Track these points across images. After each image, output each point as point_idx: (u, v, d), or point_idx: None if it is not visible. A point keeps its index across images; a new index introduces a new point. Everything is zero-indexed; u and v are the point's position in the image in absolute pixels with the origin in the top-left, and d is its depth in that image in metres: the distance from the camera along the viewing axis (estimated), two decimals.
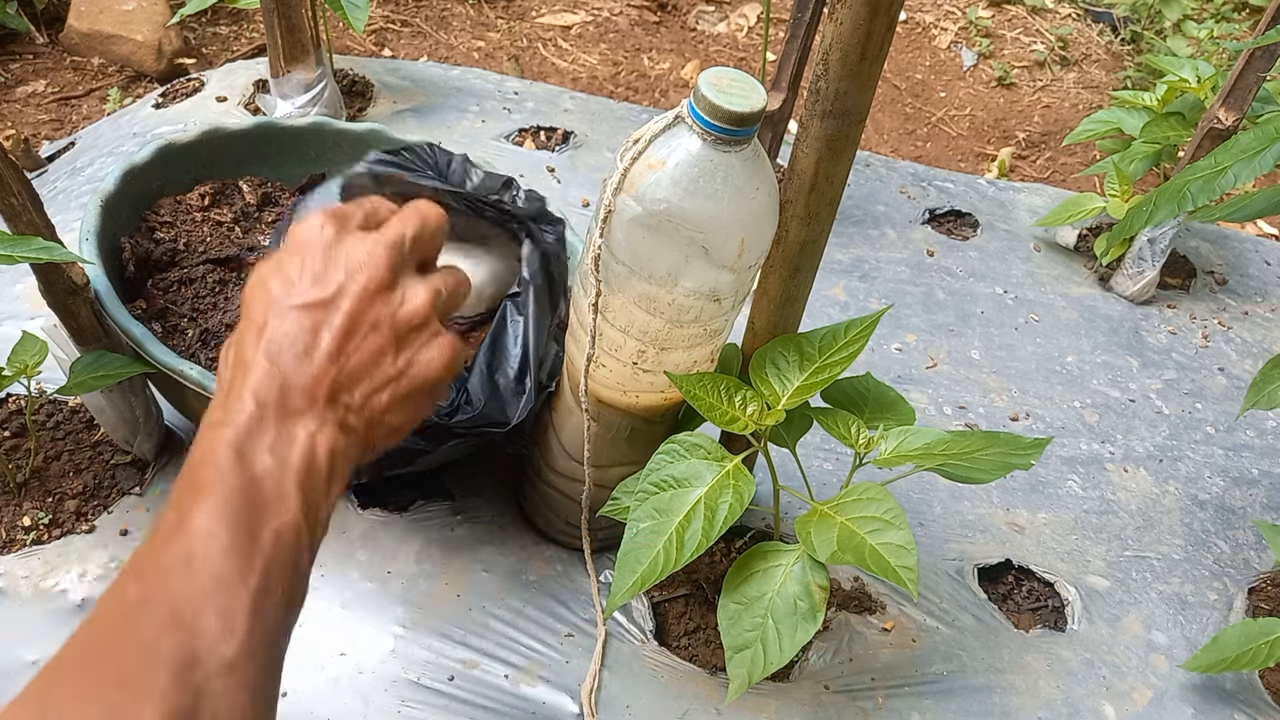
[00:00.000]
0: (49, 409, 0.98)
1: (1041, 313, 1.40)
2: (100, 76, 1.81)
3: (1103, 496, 1.15)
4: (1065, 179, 2.01)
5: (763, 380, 0.77)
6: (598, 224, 0.69)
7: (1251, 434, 1.27)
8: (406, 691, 0.84)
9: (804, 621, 0.73)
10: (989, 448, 0.77)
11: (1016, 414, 1.24)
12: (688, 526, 0.71)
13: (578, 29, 2.18)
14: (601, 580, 0.94)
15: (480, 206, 0.87)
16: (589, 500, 0.88)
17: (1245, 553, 1.11)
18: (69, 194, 1.31)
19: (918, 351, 1.30)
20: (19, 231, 0.76)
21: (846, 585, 0.98)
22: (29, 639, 0.82)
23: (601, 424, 0.82)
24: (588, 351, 0.76)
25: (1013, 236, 1.53)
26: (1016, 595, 1.03)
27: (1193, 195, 0.92)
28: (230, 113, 1.46)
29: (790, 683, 0.89)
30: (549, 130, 1.57)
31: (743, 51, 2.22)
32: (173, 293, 0.95)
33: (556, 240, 0.88)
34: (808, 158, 0.67)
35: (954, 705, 0.90)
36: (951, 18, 2.40)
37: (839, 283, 1.38)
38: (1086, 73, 2.31)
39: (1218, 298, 1.50)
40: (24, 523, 0.89)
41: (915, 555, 0.69)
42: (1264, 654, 0.88)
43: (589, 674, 0.86)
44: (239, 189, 1.06)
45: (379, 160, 0.87)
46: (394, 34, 2.07)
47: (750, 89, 0.63)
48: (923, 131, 2.08)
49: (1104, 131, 1.52)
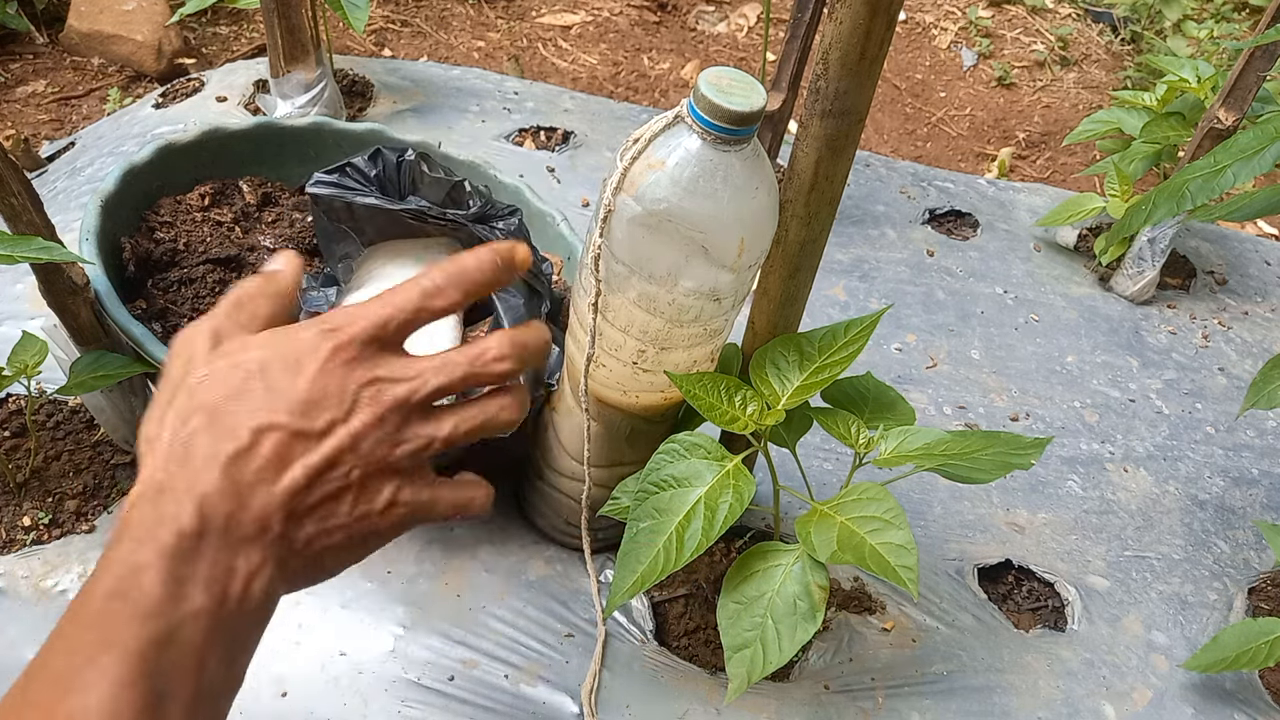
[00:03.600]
0: (49, 409, 0.98)
1: (1041, 313, 1.40)
2: (100, 76, 1.81)
3: (1103, 496, 1.15)
4: (1065, 179, 2.01)
5: (763, 380, 0.77)
6: (598, 224, 0.69)
7: (1251, 434, 1.27)
8: (406, 691, 0.84)
9: (804, 621, 0.73)
10: (989, 448, 0.77)
11: (1016, 414, 1.24)
12: (687, 526, 0.71)
13: (578, 29, 2.18)
14: (601, 580, 0.94)
15: (424, 218, 0.88)
16: (589, 500, 0.88)
17: (1245, 553, 1.11)
18: (69, 194, 1.31)
19: (918, 351, 1.30)
20: (19, 231, 0.76)
21: (846, 585, 0.98)
22: (29, 639, 0.82)
23: (601, 424, 0.82)
24: (588, 351, 0.76)
25: (1013, 236, 1.53)
26: (1016, 595, 1.03)
27: (1192, 194, 0.92)
28: (230, 113, 1.46)
29: (790, 683, 0.89)
30: (549, 130, 1.57)
31: (743, 51, 2.22)
32: (173, 293, 0.95)
33: (511, 234, 0.89)
34: (808, 157, 0.67)
35: (954, 705, 0.90)
36: (951, 18, 2.40)
37: (839, 283, 1.38)
38: (1086, 73, 2.31)
39: (1218, 298, 1.50)
40: (24, 523, 0.89)
41: (915, 555, 0.69)
42: (1264, 654, 0.88)
43: (589, 674, 0.86)
44: (239, 189, 1.06)
45: (318, 181, 0.87)
46: (394, 34, 2.07)
47: (750, 89, 0.63)
48: (923, 131, 2.08)
49: (1104, 131, 1.52)
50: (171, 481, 0.38)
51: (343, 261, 0.96)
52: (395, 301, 0.42)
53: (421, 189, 0.91)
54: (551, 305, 0.93)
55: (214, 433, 0.39)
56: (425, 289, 0.42)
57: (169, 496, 0.38)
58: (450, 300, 0.43)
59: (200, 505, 0.38)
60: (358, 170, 0.89)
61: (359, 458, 0.41)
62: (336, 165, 0.89)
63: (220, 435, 0.39)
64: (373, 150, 0.90)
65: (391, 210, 0.88)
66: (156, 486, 0.39)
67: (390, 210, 0.88)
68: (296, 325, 0.43)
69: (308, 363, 0.41)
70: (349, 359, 0.41)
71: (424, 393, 0.42)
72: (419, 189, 0.91)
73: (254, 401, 0.40)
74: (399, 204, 0.88)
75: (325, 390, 0.40)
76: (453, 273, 0.43)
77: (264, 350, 0.41)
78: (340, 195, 0.87)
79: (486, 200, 0.90)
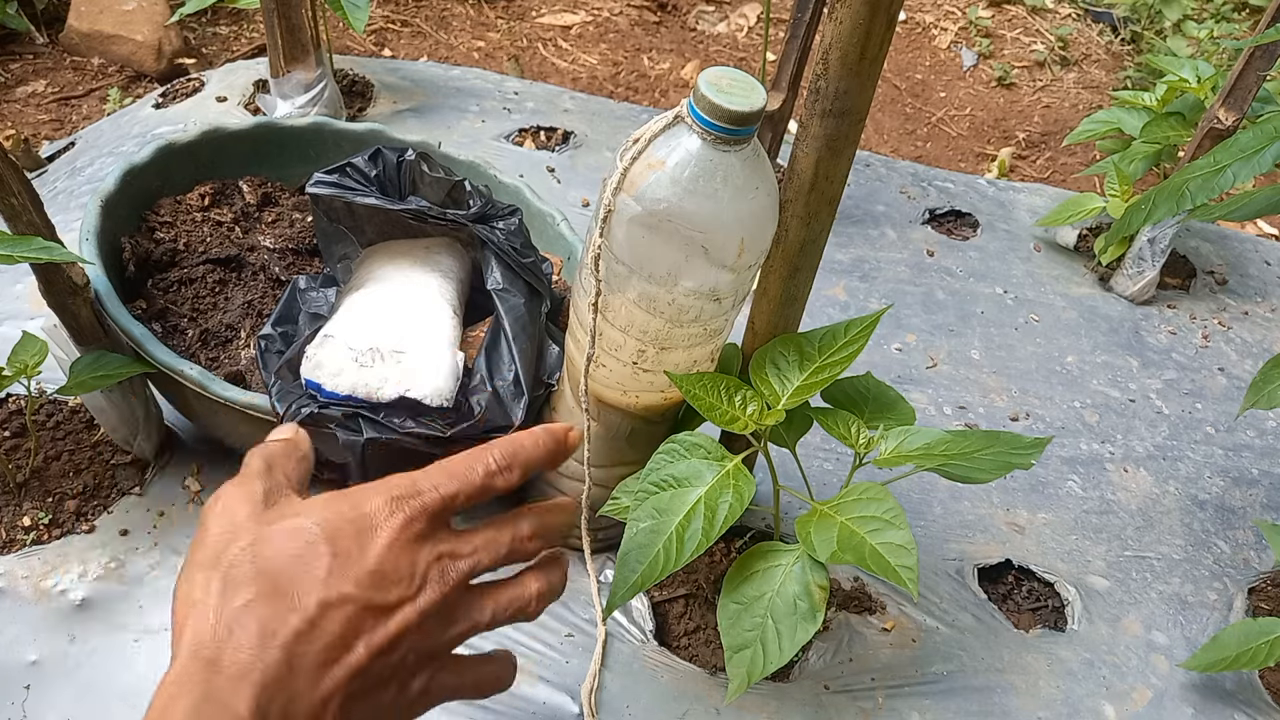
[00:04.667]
0: (49, 409, 0.98)
1: (1041, 313, 1.40)
2: (100, 76, 1.81)
3: (1103, 496, 1.15)
4: (1065, 179, 2.01)
5: (763, 380, 0.77)
6: (598, 224, 0.69)
7: (1251, 434, 1.27)
8: None
9: (804, 621, 0.73)
10: (989, 448, 0.77)
11: (1016, 414, 1.24)
12: (688, 526, 0.71)
13: (578, 29, 2.18)
14: (601, 580, 0.94)
15: (424, 218, 0.88)
16: (589, 500, 0.88)
17: (1245, 553, 1.11)
18: (69, 194, 1.31)
19: (918, 351, 1.30)
20: (19, 231, 0.76)
21: (846, 585, 0.98)
22: (29, 639, 0.82)
23: (601, 424, 0.82)
24: (588, 351, 0.76)
25: (1013, 236, 1.53)
26: (1016, 595, 1.03)
27: (1191, 194, 0.92)
28: (230, 113, 1.46)
29: (790, 683, 0.89)
30: (549, 130, 1.57)
31: (743, 51, 2.22)
32: (173, 293, 0.95)
33: (511, 234, 0.89)
34: (808, 157, 0.67)
35: (954, 705, 0.90)
36: (951, 18, 2.40)
37: (839, 283, 1.38)
38: (1086, 73, 2.31)
39: (1218, 298, 1.50)
40: (24, 523, 0.89)
41: (915, 555, 0.69)
42: (1264, 654, 0.88)
43: (589, 674, 0.86)
44: (239, 189, 1.06)
45: (318, 182, 0.87)
46: (394, 34, 2.07)
47: (750, 89, 0.63)
48: (923, 131, 2.08)
49: (1104, 131, 1.52)
50: (223, 662, 0.35)
51: (342, 262, 0.96)
52: (462, 477, 0.41)
53: (421, 189, 0.91)
54: (551, 305, 0.93)
55: (274, 605, 0.36)
56: (489, 469, 0.42)
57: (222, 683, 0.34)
58: (510, 481, 0.43)
59: (259, 695, 0.34)
60: (358, 170, 0.89)
61: (420, 638, 0.39)
62: (336, 165, 0.89)
63: (282, 608, 0.36)
64: (373, 150, 0.90)
65: (391, 210, 0.88)
66: (205, 664, 0.35)
67: (390, 210, 0.88)
68: (357, 491, 0.40)
69: (380, 532, 0.38)
70: (420, 533, 0.39)
71: (478, 571, 0.41)
72: (419, 189, 0.91)
73: (320, 571, 0.37)
74: (399, 204, 0.88)
75: (397, 563, 0.38)
76: (512, 452, 0.43)
77: (327, 513, 0.39)
78: (340, 195, 0.87)
79: (487, 200, 0.90)
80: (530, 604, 0.44)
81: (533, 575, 0.45)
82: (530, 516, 0.44)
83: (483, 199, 0.90)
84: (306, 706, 0.35)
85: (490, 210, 0.90)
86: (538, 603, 0.45)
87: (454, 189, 0.91)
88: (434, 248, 0.93)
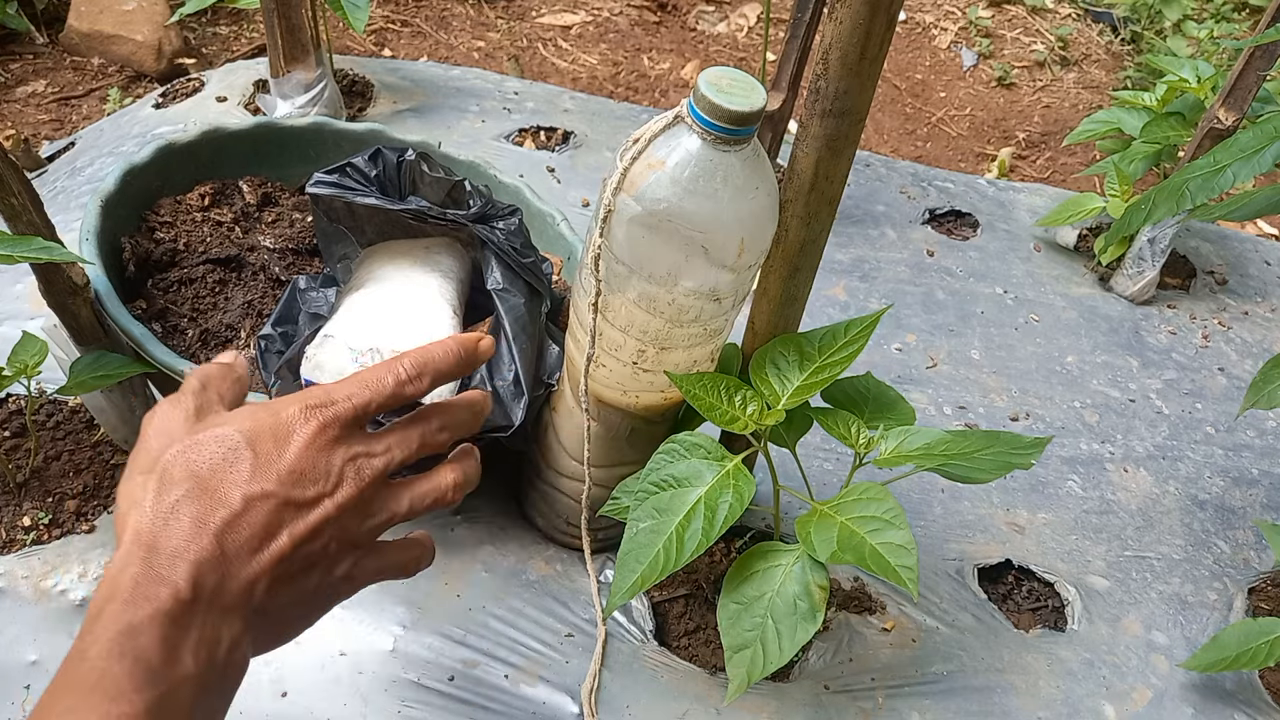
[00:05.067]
0: (49, 409, 0.98)
1: (1041, 313, 1.40)
2: (100, 76, 1.81)
3: (1103, 496, 1.15)
4: (1065, 179, 2.01)
5: (763, 380, 0.77)
6: (598, 224, 0.69)
7: (1251, 434, 1.27)
8: (406, 691, 0.84)
9: (804, 621, 0.73)
10: (989, 447, 0.77)
11: (1016, 414, 1.24)
12: (688, 526, 0.71)
13: (578, 29, 2.18)
14: (601, 580, 0.94)
15: (424, 218, 0.88)
16: (589, 500, 0.88)
17: (1245, 553, 1.11)
18: (69, 194, 1.31)
19: (918, 351, 1.30)
20: (19, 231, 0.76)
21: (846, 585, 0.98)
22: (29, 639, 0.82)
23: (601, 424, 0.82)
24: (588, 351, 0.76)
25: (1013, 236, 1.53)
26: (1016, 595, 1.03)
27: (1191, 193, 0.92)
28: (230, 113, 1.46)
29: (790, 683, 0.89)
30: (549, 130, 1.57)
31: (743, 51, 2.22)
32: (173, 293, 0.95)
33: (511, 234, 0.89)
34: (808, 157, 0.67)
35: (954, 705, 0.90)
36: (951, 18, 2.40)
37: (839, 283, 1.38)
38: (1086, 73, 2.31)
39: (1218, 298, 1.50)
40: (24, 523, 0.89)
41: (915, 555, 0.69)
42: (1264, 654, 0.88)
43: (589, 674, 0.86)
44: (239, 189, 1.06)
45: (318, 182, 0.88)
46: (394, 34, 2.07)
47: (750, 89, 0.63)
48: (923, 131, 2.08)
49: (1104, 131, 1.52)
50: (161, 545, 0.39)
51: (342, 262, 0.96)
52: (374, 387, 0.45)
53: (421, 189, 0.91)
54: (551, 305, 0.93)
55: (204, 500, 0.40)
56: (400, 378, 0.45)
57: (161, 560, 0.39)
58: (420, 389, 0.46)
59: (193, 571, 0.39)
60: (358, 170, 0.89)
61: (338, 529, 0.43)
62: (336, 165, 0.89)
63: (211, 503, 0.40)
64: (373, 150, 0.90)
65: (391, 210, 0.88)
66: (146, 548, 0.39)
67: (390, 210, 0.88)
68: (277, 401, 0.44)
69: (295, 436, 0.43)
70: (334, 437, 0.43)
71: (392, 466, 0.45)
72: (419, 189, 0.91)
73: (243, 471, 0.41)
74: (399, 204, 0.88)
75: (314, 463, 0.42)
76: (422, 361, 0.46)
77: (249, 423, 0.43)
78: (340, 195, 0.87)
79: (487, 200, 0.90)
80: (447, 493, 0.48)
81: (449, 467, 0.49)
82: (438, 412, 0.48)
83: (483, 199, 0.90)
84: (237, 586, 0.40)
85: (490, 210, 0.90)
86: (454, 492, 0.48)
87: (454, 189, 0.91)
88: (434, 248, 0.93)
